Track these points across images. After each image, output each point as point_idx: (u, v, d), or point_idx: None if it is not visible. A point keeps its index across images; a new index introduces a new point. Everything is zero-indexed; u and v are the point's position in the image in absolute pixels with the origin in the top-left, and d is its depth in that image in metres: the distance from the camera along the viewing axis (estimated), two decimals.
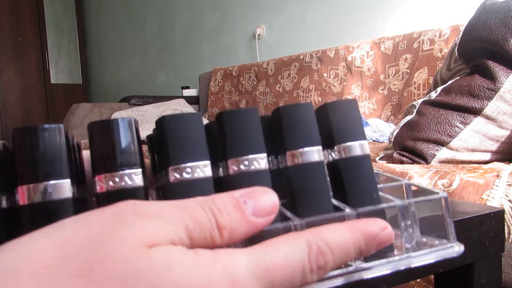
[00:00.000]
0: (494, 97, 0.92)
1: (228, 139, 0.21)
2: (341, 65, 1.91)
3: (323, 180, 0.22)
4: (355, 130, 0.23)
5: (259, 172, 0.21)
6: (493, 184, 0.72)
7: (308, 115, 0.22)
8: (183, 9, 3.09)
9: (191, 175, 0.20)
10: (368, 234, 0.19)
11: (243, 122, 0.21)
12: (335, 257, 0.18)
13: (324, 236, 0.18)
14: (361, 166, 0.23)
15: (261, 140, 0.21)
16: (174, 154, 0.20)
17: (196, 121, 0.21)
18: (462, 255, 0.44)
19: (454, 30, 1.52)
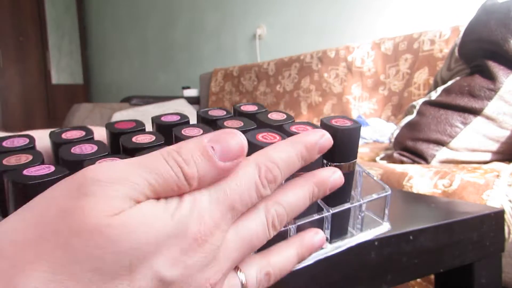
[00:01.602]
0: (494, 97, 0.92)
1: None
2: (342, 65, 1.91)
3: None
4: (352, 152, 0.28)
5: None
6: (493, 184, 0.72)
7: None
8: (183, 10, 3.09)
9: None
10: (309, 143, 0.22)
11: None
12: (283, 170, 0.21)
13: (270, 155, 0.21)
14: (348, 180, 0.29)
15: None
16: None
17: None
18: (462, 255, 0.44)
19: (455, 30, 1.52)
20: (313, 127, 0.26)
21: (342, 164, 0.28)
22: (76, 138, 0.26)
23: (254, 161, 0.21)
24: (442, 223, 0.42)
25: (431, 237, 0.42)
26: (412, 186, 0.80)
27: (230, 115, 0.30)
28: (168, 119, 0.28)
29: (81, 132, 0.27)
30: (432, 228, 0.42)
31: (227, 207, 0.19)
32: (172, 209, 0.18)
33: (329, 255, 0.29)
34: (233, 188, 0.19)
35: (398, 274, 0.40)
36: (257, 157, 0.21)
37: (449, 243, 0.43)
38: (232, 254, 0.20)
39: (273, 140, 0.24)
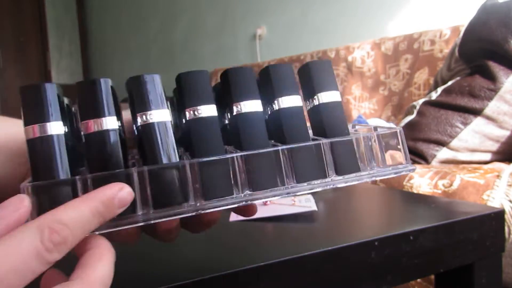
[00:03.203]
0: (495, 97, 0.92)
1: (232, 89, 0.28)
2: (342, 66, 1.91)
3: (301, 121, 0.29)
4: (330, 83, 0.30)
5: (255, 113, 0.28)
6: (494, 184, 0.72)
7: (289, 73, 0.30)
8: (184, 10, 3.09)
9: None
10: (106, 199, 0.21)
11: (244, 78, 0.28)
12: (74, 230, 0.19)
13: (57, 216, 0.19)
14: (335, 109, 0.30)
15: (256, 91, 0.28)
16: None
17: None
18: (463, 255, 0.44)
19: (455, 30, 1.52)
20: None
21: (323, 93, 0.29)
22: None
23: (35, 224, 0.19)
24: (442, 223, 0.42)
25: (431, 237, 0.42)
26: (413, 186, 0.81)
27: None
28: None
29: None
30: (432, 228, 0.42)
31: (11, 273, 0.17)
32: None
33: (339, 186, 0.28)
34: (12, 256, 0.17)
35: (398, 274, 0.40)
36: (40, 219, 0.19)
37: (449, 243, 0.43)
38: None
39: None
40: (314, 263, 0.36)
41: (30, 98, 0.24)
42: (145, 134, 0.25)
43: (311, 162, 0.27)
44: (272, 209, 0.49)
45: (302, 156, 0.27)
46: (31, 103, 0.24)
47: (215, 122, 0.27)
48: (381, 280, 0.39)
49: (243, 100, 0.28)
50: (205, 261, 0.37)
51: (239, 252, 0.39)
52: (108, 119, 0.25)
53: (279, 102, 0.29)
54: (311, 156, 0.27)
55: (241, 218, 0.48)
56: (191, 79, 0.28)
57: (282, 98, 0.29)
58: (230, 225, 0.47)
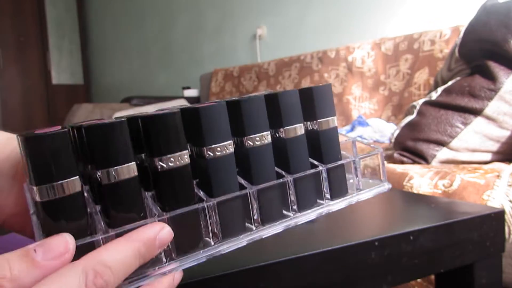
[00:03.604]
0: (495, 97, 0.92)
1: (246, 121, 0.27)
2: (342, 66, 1.91)
3: (304, 149, 0.30)
4: (330, 109, 0.31)
5: (265, 145, 0.28)
6: (494, 185, 0.72)
7: (295, 100, 0.30)
8: (184, 10, 3.09)
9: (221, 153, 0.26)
10: (147, 240, 0.21)
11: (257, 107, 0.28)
12: (117, 273, 0.20)
13: (101, 257, 0.19)
14: (332, 135, 0.31)
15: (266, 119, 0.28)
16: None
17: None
18: (463, 255, 0.44)
19: (455, 31, 1.52)
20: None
21: (323, 120, 0.30)
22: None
23: (80, 265, 0.19)
24: (442, 223, 0.42)
25: (431, 237, 0.42)
26: (413, 186, 0.80)
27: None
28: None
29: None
30: (432, 228, 0.42)
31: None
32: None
33: (330, 212, 0.30)
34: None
35: (398, 274, 0.40)
36: (85, 261, 0.19)
37: (449, 243, 0.43)
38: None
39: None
40: (314, 263, 0.36)
41: (39, 152, 0.20)
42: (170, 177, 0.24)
43: (312, 189, 0.29)
44: None
45: (305, 185, 0.29)
46: (39, 160, 0.20)
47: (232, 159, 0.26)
48: (381, 280, 0.39)
49: (256, 133, 0.27)
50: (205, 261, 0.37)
51: (239, 252, 0.39)
52: (125, 167, 0.23)
53: (285, 131, 0.29)
54: (313, 184, 0.29)
55: None
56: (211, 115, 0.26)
57: (288, 128, 0.29)
58: None
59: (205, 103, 0.26)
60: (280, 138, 0.29)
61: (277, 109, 0.29)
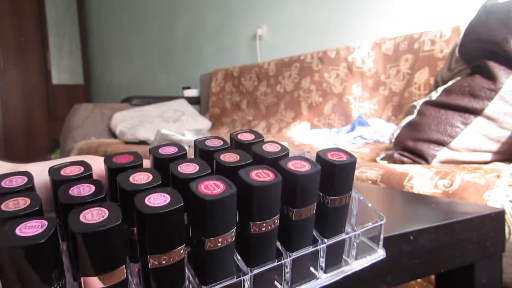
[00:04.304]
0: (495, 97, 0.92)
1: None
2: (342, 66, 1.91)
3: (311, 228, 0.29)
4: (347, 186, 0.30)
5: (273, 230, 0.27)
6: (494, 185, 0.72)
7: (315, 180, 0.28)
8: (184, 10, 3.09)
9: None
10: None
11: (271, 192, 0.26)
12: None
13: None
14: (342, 211, 0.30)
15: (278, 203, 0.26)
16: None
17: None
18: (463, 255, 0.44)
19: (455, 31, 1.52)
20: (308, 163, 0.27)
21: (337, 197, 0.29)
22: (74, 175, 0.26)
23: None
24: (442, 223, 0.42)
25: (432, 237, 0.42)
26: (413, 186, 0.80)
27: (227, 146, 0.30)
28: (165, 152, 0.29)
29: (80, 168, 0.27)
30: (432, 228, 0.42)
31: None
32: None
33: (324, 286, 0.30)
34: None
35: (399, 274, 0.40)
36: None
37: (449, 243, 0.43)
38: None
39: (265, 178, 0.24)
40: None
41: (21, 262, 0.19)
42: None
43: (308, 265, 0.29)
44: None
45: (303, 262, 0.28)
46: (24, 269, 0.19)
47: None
48: (381, 280, 0.39)
49: (265, 219, 0.26)
50: None
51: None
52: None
53: (294, 213, 0.27)
54: (309, 260, 0.29)
55: None
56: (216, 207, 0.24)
57: (297, 209, 0.27)
58: None
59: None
60: (289, 216, 0.28)
61: (292, 190, 0.27)
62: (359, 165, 0.94)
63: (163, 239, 0.22)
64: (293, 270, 0.28)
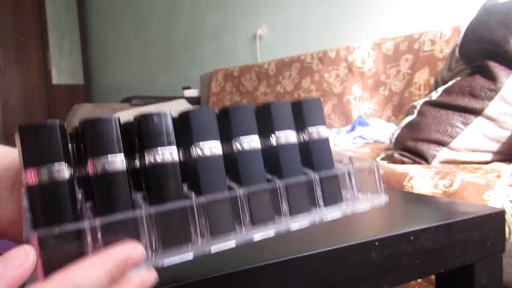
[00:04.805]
0: (495, 97, 0.92)
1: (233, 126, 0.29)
2: (342, 66, 1.91)
3: (296, 155, 0.31)
4: (319, 119, 0.32)
5: (254, 150, 0.29)
6: (494, 185, 0.72)
7: (287, 110, 0.31)
8: (184, 10, 3.09)
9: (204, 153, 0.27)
10: (120, 261, 0.21)
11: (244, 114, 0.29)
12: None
13: (73, 278, 0.19)
14: (323, 144, 0.32)
15: (253, 126, 0.29)
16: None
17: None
18: (463, 255, 0.44)
19: (455, 31, 1.52)
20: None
21: (313, 129, 0.31)
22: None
23: (51, 284, 0.18)
24: (442, 223, 0.42)
25: (432, 237, 0.41)
26: (413, 186, 0.80)
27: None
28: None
29: None
30: (432, 228, 0.42)
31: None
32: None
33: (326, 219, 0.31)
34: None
35: (399, 274, 0.40)
36: (56, 281, 0.19)
37: (449, 243, 0.43)
38: None
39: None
40: (314, 263, 0.36)
41: (32, 138, 0.22)
42: (154, 173, 0.25)
43: (305, 195, 0.30)
44: None
45: (297, 190, 0.29)
46: (33, 144, 0.22)
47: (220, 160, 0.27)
48: (381, 280, 0.39)
49: (244, 135, 0.29)
50: (205, 261, 0.37)
51: (239, 252, 0.39)
52: (114, 157, 0.24)
53: (278, 139, 0.30)
54: (305, 190, 0.30)
55: None
56: (197, 116, 0.28)
57: (280, 134, 0.30)
58: None
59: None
60: (272, 145, 0.30)
61: (268, 117, 0.30)
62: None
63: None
64: (290, 202, 0.29)
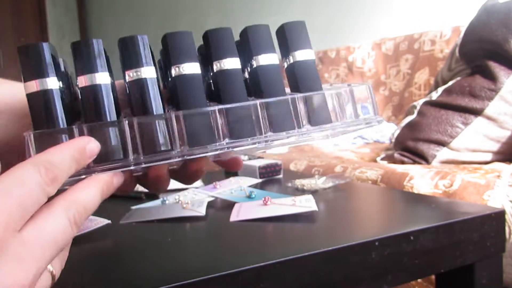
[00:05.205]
0: (495, 97, 0.92)
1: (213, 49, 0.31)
2: (342, 66, 1.91)
3: (278, 76, 0.31)
4: (304, 42, 0.32)
5: (233, 69, 0.30)
6: (494, 185, 0.72)
7: (267, 33, 0.31)
8: (184, 11, 3.10)
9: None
10: (79, 147, 0.24)
11: (223, 37, 0.30)
12: (62, 170, 0.23)
13: (47, 157, 0.23)
14: (308, 66, 0.32)
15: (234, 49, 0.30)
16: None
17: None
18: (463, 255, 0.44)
19: (455, 31, 1.52)
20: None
21: (297, 52, 0.31)
22: None
23: (30, 163, 0.22)
24: (442, 223, 0.42)
25: (432, 237, 0.42)
26: (413, 186, 0.80)
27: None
28: None
29: None
30: (432, 229, 0.42)
31: (14, 206, 0.20)
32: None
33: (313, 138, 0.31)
34: (16, 189, 0.20)
35: (399, 274, 0.40)
36: (33, 159, 0.22)
37: (449, 243, 0.43)
38: (37, 254, 0.20)
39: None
40: (314, 263, 0.36)
41: (28, 56, 0.27)
42: (136, 88, 0.29)
43: (287, 115, 0.30)
44: (272, 209, 0.49)
45: (278, 109, 0.29)
46: (30, 61, 0.27)
47: (199, 79, 0.29)
48: (382, 280, 0.39)
49: (223, 58, 0.30)
50: (205, 261, 0.37)
51: (239, 252, 0.39)
52: (101, 74, 0.29)
53: (257, 60, 0.31)
54: (287, 109, 0.30)
55: (241, 218, 0.48)
56: (176, 39, 0.31)
57: (259, 56, 0.31)
58: (230, 225, 0.47)
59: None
60: (253, 68, 0.31)
61: (247, 41, 0.31)
62: (359, 165, 0.94)
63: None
64: (272, 119, 0.29)
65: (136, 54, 0.31)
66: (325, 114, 0.31)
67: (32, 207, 0.21)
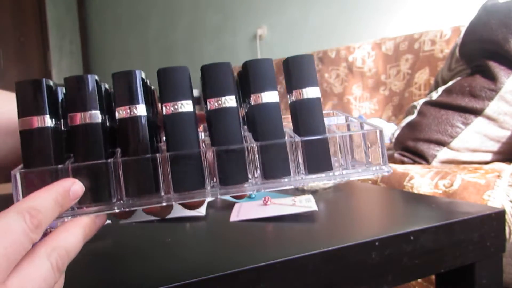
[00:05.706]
0: (495, 97, 0.92)
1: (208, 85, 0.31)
2: (342, 66, 1.91)
3: (277, 116, 0.29)
4: (310, 79, 0.29)
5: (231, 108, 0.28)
6: (494, 185, 0.72)
7: (269, 68, 0.30)
8: (184, 10, 3.09)
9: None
10: (62, 191, 0.25)
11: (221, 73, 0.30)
12: (45, 215, 0.23)
13: (30, 203, 0.23)
14: (311, 106, 0.30)
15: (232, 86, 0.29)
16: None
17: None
18: (463, 255, 0.44)
19: (455, 31, 1.52)
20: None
21: (302, 89, 0.29)
22: None
23: (14, 210, 0.22)
24: (442, 223, 0.42)
25: (432, 237, 0.41)
26: (413, 186, 0.80)
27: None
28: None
29: None
30: (433, 229, 0.42)
31: (0, 258, 0.20)
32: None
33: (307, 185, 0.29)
34: (2, 240, 0.20)
35: (399, 274, 0.40)
36: (17, 206, 0.22)
37: (450, 243, 0.43)
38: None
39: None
40: (314, 263, 0.36)
41: (26, 92, 0.28)
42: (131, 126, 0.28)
43: (283, 160, 0.28)
44: (272, 209, 0.49)
45: (274, 153, 0.27)
46: (27, 97, 0.27)
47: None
48: (382, 280, 0.39)
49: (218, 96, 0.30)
50: (205, 261, 0.37)
51: (240, 252, 0.39)
52: (94, 113, 0.28)
53: (253, 98, 0.30)
54: (284, 153, 0.28)
55: (241, 218, 0.48)
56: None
57: (255, 94, 0.30)
58: (230, 225, 0.47)
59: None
60: (250, 106, 0.30)
61: (246, 77, 0.30)
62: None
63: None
64: (265, 163, 0.27)
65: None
66: (326, 161, 0.28)
67: (18, 255, 0.21)
